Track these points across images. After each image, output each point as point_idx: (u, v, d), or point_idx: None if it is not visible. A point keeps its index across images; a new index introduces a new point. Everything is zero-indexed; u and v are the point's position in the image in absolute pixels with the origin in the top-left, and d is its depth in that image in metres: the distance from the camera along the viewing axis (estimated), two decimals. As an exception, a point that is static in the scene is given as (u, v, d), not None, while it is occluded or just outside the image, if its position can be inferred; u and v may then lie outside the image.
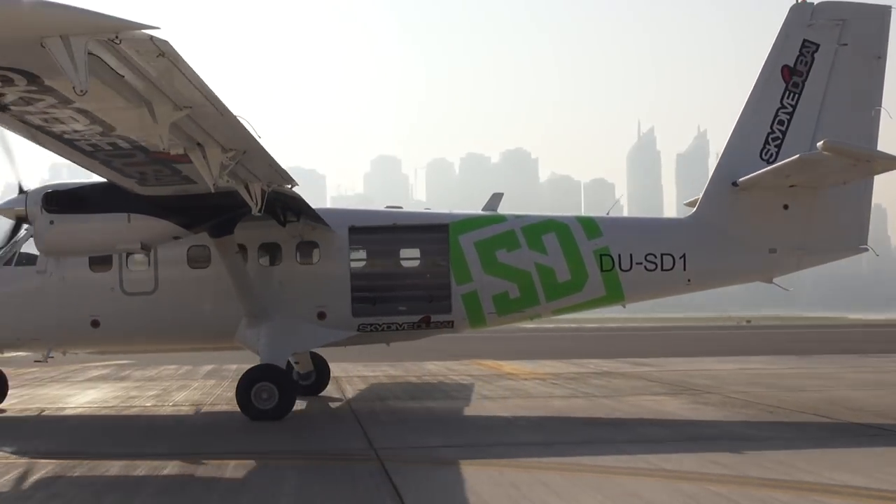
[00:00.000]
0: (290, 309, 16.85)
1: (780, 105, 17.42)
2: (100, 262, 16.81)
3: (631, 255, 17.33)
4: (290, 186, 14.57)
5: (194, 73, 8.97)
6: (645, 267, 17.35)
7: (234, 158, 11.92)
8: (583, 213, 19.35)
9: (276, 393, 15.68)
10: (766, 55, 17.68)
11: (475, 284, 17.17)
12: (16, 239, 16.55)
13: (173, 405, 18.60)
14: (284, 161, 13.34)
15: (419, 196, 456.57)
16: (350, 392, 20.74)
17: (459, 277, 17.17)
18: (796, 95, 17.35)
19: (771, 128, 17.44)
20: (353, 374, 24.96)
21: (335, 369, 26.09)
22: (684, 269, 17.42)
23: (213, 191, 12.58)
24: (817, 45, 17.30)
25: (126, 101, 9.39)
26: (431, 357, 30.88)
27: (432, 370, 26.49)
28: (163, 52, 8.14)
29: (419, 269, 17.74)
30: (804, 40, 17.33)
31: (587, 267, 17.27)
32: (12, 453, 12.47)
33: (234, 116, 10.72)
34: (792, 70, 17.41)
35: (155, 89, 9.21)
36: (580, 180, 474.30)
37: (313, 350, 19.33)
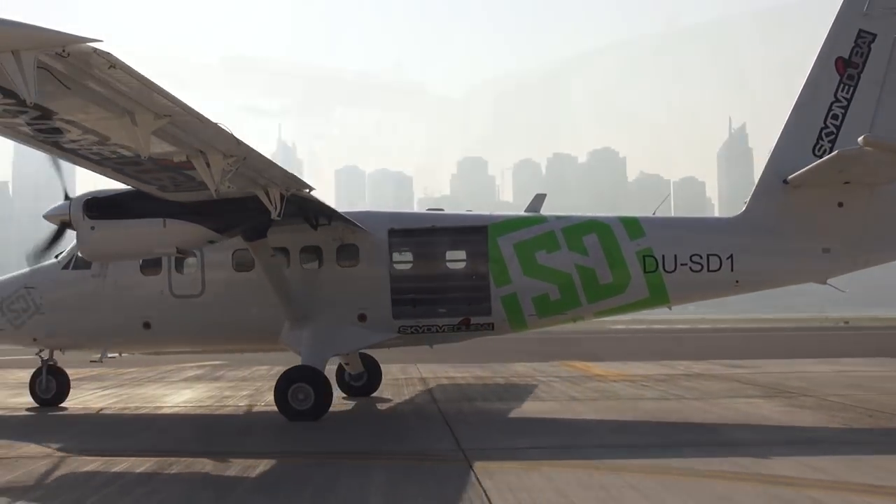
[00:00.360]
0: (330, 311, 17.09)
1: (833, 99, 16.68)
2: (150, 265, 17.41)
3: (675, 256, 16.96)
4: (307, 191, 14.74)
5: (152, 82, 9.13)
6: (690, 268, 16.95)
7: (234, 165, 12.10)
8: (672, 212, 19.05)
9: (311, 394, 15.93)
10: (819, 47, 17.03)
11: (514, 286, 17.11)
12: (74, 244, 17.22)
13: (266, 405, 18.94)
14: (373, 163, 13.51)
15: (506, 197, 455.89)
16: (437, 393, 20.83)
17: (499, 279, 17.14)
18: (851, 88, 16.62)
19: (824, 122, 16.74)
20: (440, 375, 25.07)
21: (423, 371, 26.31)
22: (732, 270, 16.93)
23: (215, 197, 12.86)
24: (874, 36, 16.53)
25: (106, 111, 9.63)
26: (519, 358, 30.80)
27: (520, 371, 26.41)
28: (113, 63, 8.36)
29: (458, 272, 17.71)
30: (860, 30, 16.57)
31: (629, 268, 17.00)
32: (112, 451, 12.86)
33: (214, 124, 10.90)
34: (847, 62, 16.67)
35: (128, 99, 9.44)
36: (669, 179, 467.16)
37: (363, 351, 19.49)
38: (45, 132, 10.48)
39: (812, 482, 9.68)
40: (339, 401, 19.18)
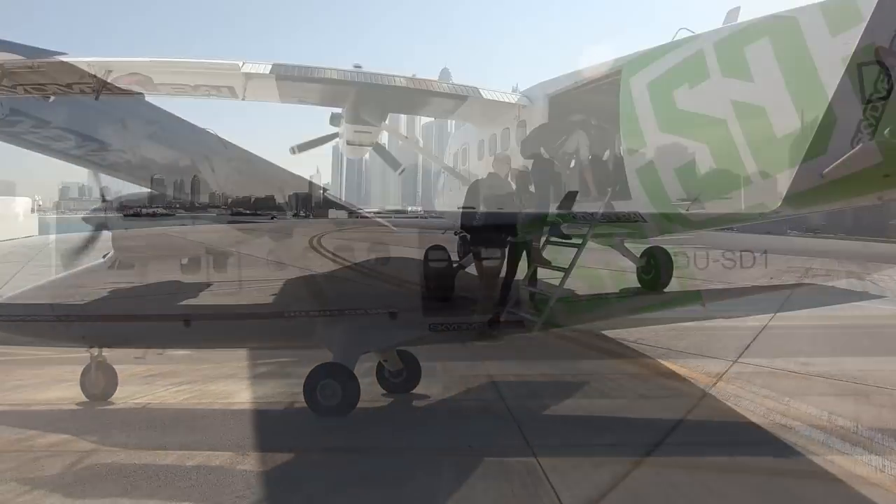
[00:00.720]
0: (361, 309, 17.19)
1: (873, 89, 16.16)
2: (190, 263, 17.76)
3: (707, 253, 16.71)
4: (321, 192, 14.94)
5: (130, 90, 9.26)
6: (722, 265, 16.68)
7: (238, 166, 12.28)
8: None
9: (339, 391, 16.06)
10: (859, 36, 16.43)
11: (542, 285, 17.02)
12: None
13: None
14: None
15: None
16: (504, 389, 20.79)
17: (526, 277, 17.07)
18: (891, 78, 16.05)
19: (864, 114, 16.20)
20: (507, 372, 24.99)
21: (490, 368, 26.27)
22: (766, 267, 16.62)
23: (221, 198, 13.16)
24: None
25: (100, 118, 9.79)
26: (589, 355, 30.56)
27: (588, 368, 26.20)
28: (82, 73, 8.51)
29: (487, 270, 17.68)
30: None
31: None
32: (188, 445, 13.12)
33: (203, 130, 11.07)
34: (887, 51, 16.08)
35: (117, 107, 9.60)
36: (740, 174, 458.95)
37: (401, 348, 19.62)
38: (49, 139, 10.76)
39: (891, 484, 9.45)
40: (402, 397, 19.30)
